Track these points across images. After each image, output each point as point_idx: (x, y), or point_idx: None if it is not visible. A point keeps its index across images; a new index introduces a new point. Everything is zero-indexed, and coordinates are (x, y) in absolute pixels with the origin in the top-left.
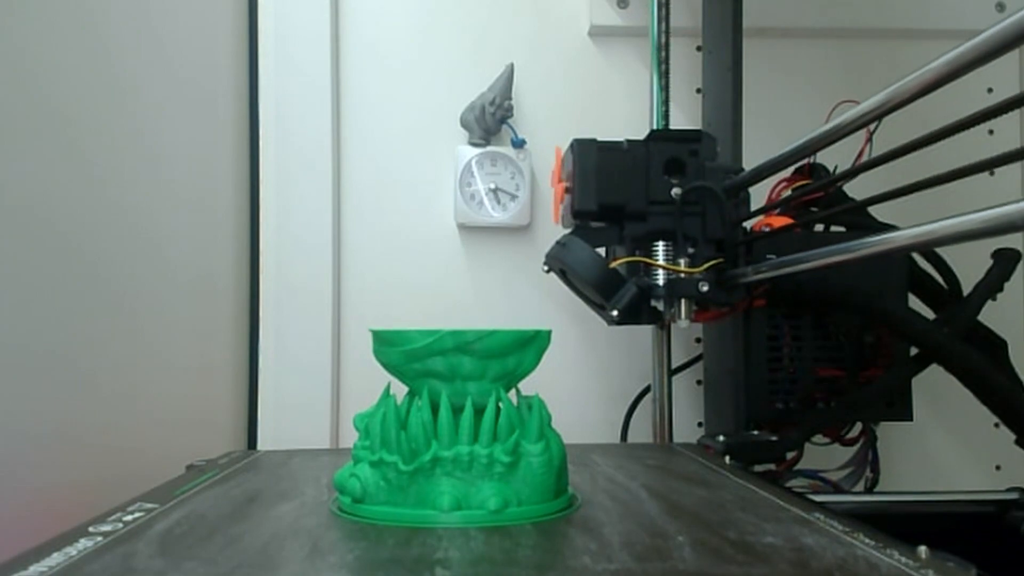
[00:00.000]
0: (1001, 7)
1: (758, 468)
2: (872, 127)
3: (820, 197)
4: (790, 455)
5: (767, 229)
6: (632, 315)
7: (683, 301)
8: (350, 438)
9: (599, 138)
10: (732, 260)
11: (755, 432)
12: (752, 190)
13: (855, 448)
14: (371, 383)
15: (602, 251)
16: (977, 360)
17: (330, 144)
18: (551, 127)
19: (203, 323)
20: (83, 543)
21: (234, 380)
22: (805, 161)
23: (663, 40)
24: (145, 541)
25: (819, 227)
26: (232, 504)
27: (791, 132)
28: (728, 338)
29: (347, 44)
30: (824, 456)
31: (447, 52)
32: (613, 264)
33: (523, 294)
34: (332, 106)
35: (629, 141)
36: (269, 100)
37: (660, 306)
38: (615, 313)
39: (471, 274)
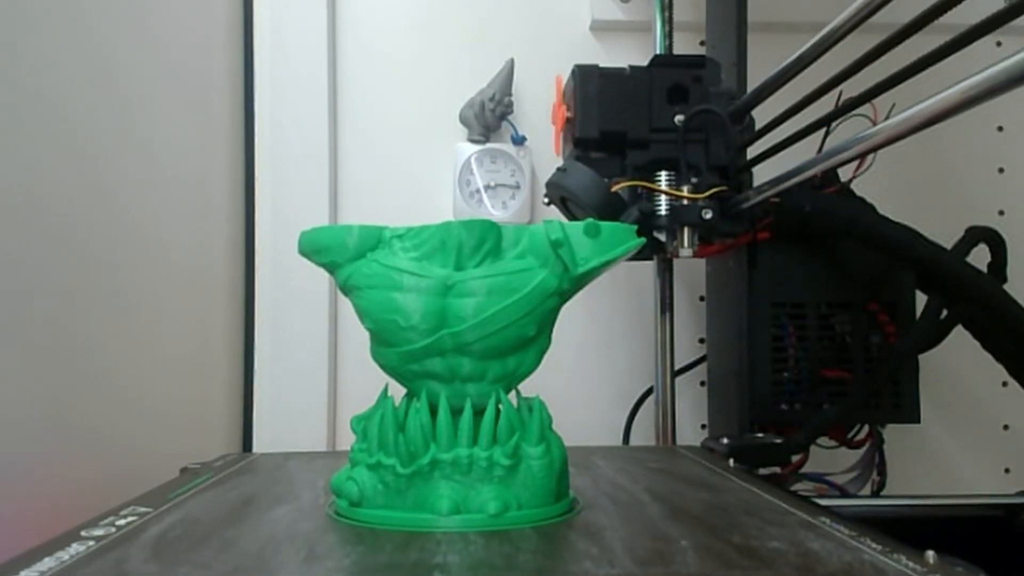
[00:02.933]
0: None
1: (763, 471)
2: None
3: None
4: (795, 458)
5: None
6: None
7: (686, 230)
8: (347, 440)
9: None
10: (736, 189)
11: (759, 434)
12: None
13: (862, 451)
14: (369, 384)
15: None
16: (991, 284)
17: (327, 141)
18: (551, 126)
19: (197, 322)
20: (75, 547)
21: (229, 381)
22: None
23: (666, 35)
24: (138, 546)
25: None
26: (227, 508)
27: (797, 127)
28: (732, 338)
29: (344, 38)
30: (830, 459)
31: (446, 47)
32: (615, 188)
33: None
34: (329, 102)
35: (632, 67)
36: (264, 96)
37: (663, 237)
38: None
39: None
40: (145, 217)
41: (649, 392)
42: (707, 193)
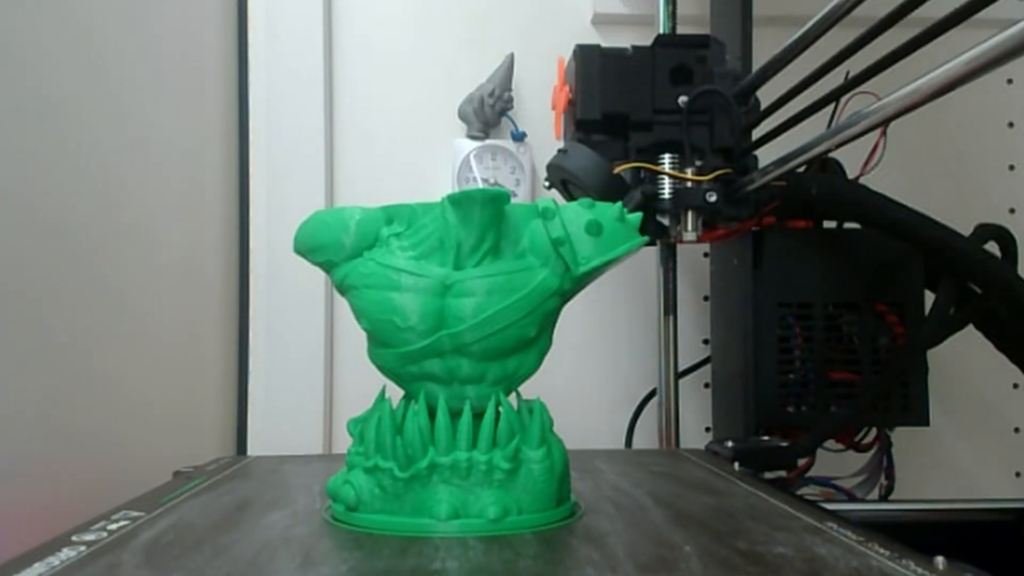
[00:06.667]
0: None
1: (768, 475)
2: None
3: None
4: (801, 461)
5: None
6: None
7: (690, 214)
8: (344, 443)
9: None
10: (741, 172)
11: (765, 437)
12: None
13: (869, 454)
14: (366, 386)
15: None
16: (1003, 267)
17: (323, 137)
18: (552, 120)
19: (191, 322)
20: (66, 553)
21: (223, 382)
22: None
23: (670, 29)
24: (130, 551)
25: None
26: (221, 512)
27: (802, 123)
28: (737, 339)
29: (340, 32)
30: (837, 463)
31: (445, 42)
32: (617, 170)
33: None
34: (325, 98)
35: (634, 47)
36: (259, 92)
37: (666, 221)
38: None
39: None
40: (138, 216)
41: (652, 394)
42: (711, 175)
